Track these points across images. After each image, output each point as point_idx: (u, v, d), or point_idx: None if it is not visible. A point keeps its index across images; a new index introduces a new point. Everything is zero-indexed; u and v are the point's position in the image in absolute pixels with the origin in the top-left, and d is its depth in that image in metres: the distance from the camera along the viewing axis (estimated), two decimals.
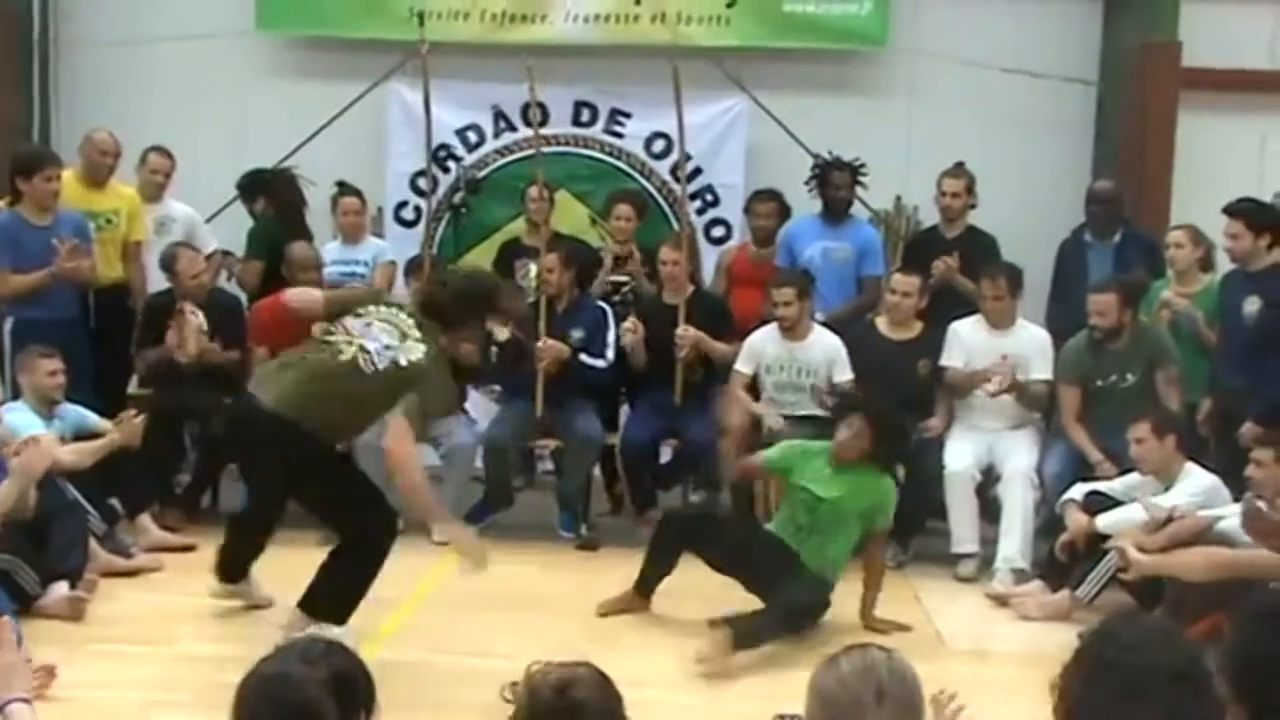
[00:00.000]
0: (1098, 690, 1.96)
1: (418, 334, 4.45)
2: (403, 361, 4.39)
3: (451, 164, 7.39)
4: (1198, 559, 4.29)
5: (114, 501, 5.53)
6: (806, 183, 6.65)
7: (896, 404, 5.84)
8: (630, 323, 6.15)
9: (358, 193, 6.88)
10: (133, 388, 6.41)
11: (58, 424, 5.41)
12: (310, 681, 1.93)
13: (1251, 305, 5.49)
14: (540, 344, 6.08)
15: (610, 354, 6.27)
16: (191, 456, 6.37)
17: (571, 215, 6.86)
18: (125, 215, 6.42)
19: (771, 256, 6.67)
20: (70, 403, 5.55)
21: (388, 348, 4.40)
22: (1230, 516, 4.71)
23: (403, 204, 7.48)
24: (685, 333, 6.05)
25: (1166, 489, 5.10)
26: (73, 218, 6.09)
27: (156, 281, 6.42)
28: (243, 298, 6.66)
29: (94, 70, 7.67)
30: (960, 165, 6.55)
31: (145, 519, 5.72)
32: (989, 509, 5.85)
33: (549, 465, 6.83)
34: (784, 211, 6.74)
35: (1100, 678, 1.97)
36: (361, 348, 4.38)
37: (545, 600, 5.30)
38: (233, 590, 4.96)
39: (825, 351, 6.07)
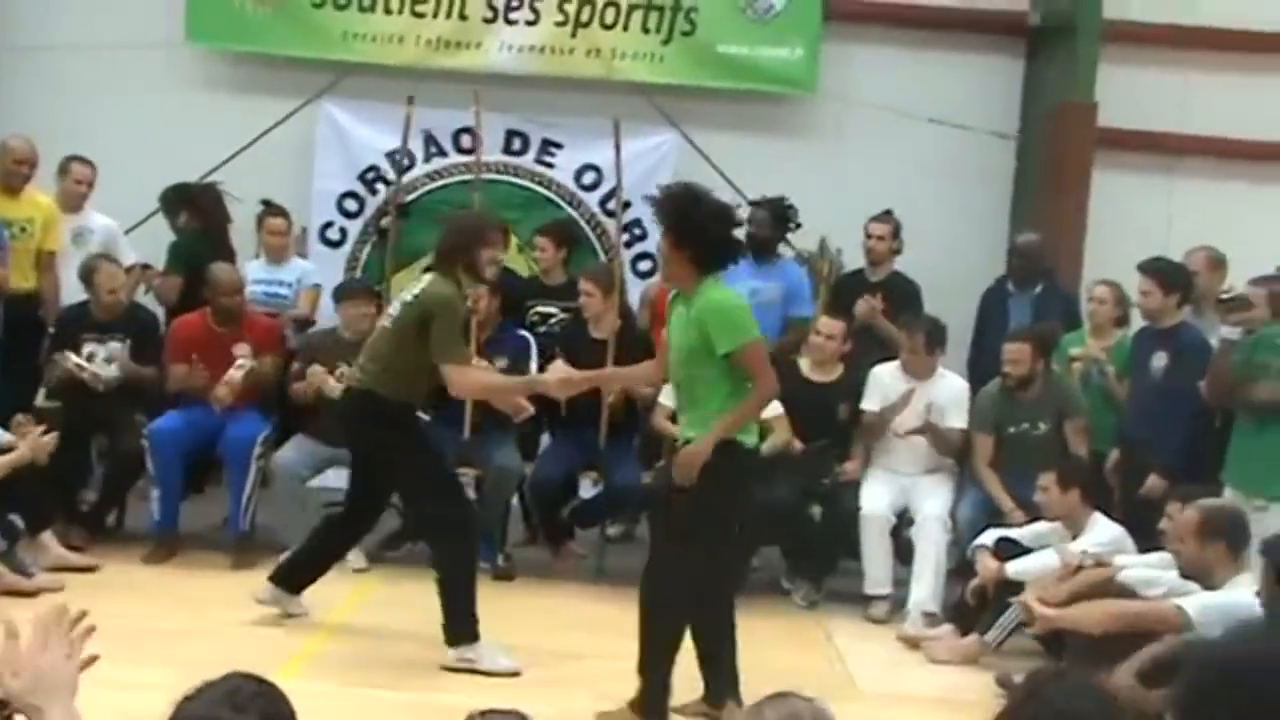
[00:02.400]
0: None
1: (427, 277, 4.88)
2: (408, 298, 4.83)
3: (380, 186, 7.36)
4: (1097, 613, 4.37)
5: (14, 518, 5.37)
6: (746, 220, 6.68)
7: (819, 440, 6.00)
8: (557, 365, 6.10)
9: (283, 212, 6.81)
10: (40, 400, 6.24)
11: None
12: None
13: (1159, 360, 5.65)
14: None
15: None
16: (99, 472, 6.22)
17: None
18: (40, 224, 6.29)
19: None
20: None
21: (402, 301, 4.90)
22: (1132, 567, 4.82)
23: (328, 224, 7.45)
24: (611, 373, 5.92)
25: (1074, 538, 5.21)
26: None
27: (71, 293, 6.29)
28: (160, 313, 6.56)
29: (17, 76, 7.49)
30: (888, 212, 6.67)
31: (47, 536, 5.57)
32: (902, 551, 5.91)
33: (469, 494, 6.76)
34: None
35: None
36: (389, 313, 4.98)
37: None
38: (279, 598, 5.10)
39: None
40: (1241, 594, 4.21)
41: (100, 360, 6.06)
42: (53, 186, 6.55)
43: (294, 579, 5.15)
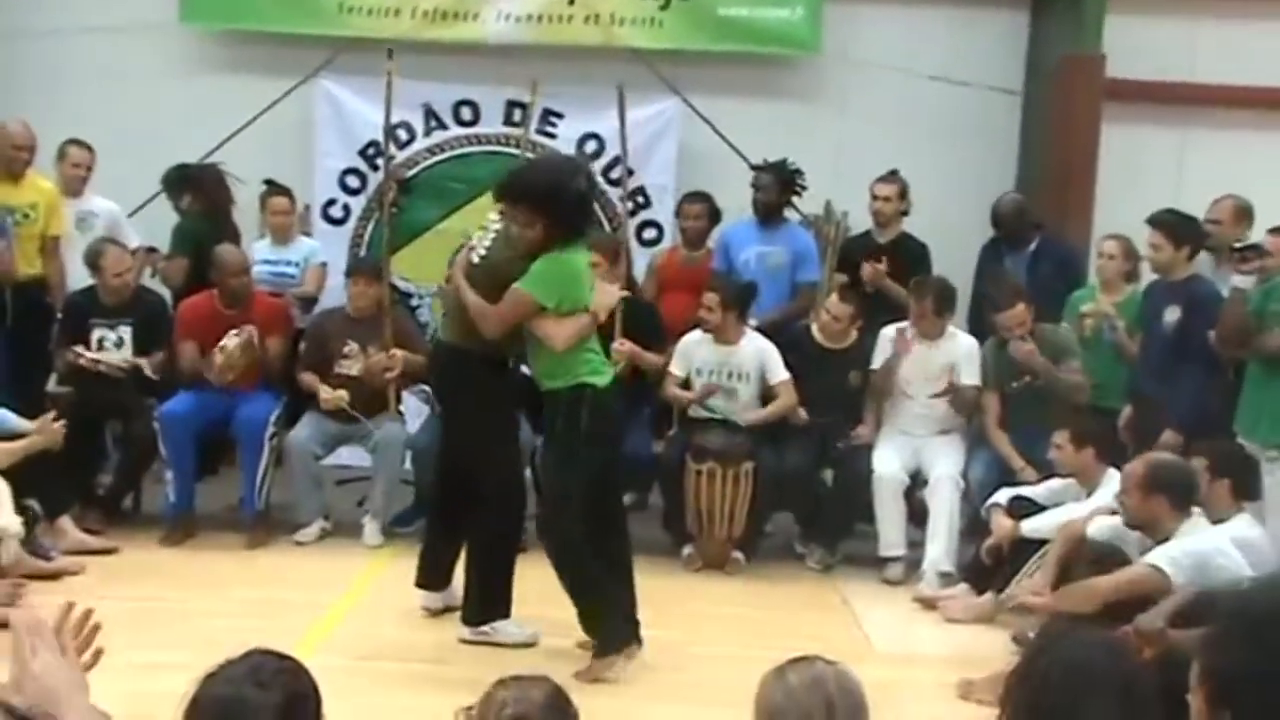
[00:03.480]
0: (1042, 702, 2.00)
1: (495, 220, 4.68)
2: (475, 259, 4.65)
3: (380, 162, 7.26)
4: (1080, 595, 4.33)
5: (32, 503, 5.42)
6: (753, 184, 6.68)
7: (830, 406, 6.01)
8: None
9: (287, 192, 6.81)
10: (51, 385, 6.29)
11: None
12: (266, 707, 1.87)
13: (1172, 314, 5.64)
14: None
15: None
16: (114, 457, 6.26)
17: None
18: (44, 209, 6.30)
19: (703, 260, 6.69)
20: None
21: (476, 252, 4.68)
22: (1096, 519, 4.84)
23: (331, 202, 7.44)
24: (620, 347, 6.03)
25: (1089, 494, 5.23)
26: None
27: (77, 277, 6.31)
28: (167, 295, 6.56)
29: (13, 61, 7.50)
30: (894, 173, 6.64)
31: (65, 521, 5.64)
32: (915, 513, 5.94)
33: None
34: (713, 214, 6.77)
35: (1045, 689, 2.01)
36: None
37: None
38: (441, 599, 4.99)
39: (757, 354, 6.12)
40: (1201, 535, 4.26)
41: (110, 344, 6.08)
42: (52, 172, 6.56)
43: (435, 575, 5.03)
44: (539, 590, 5.37)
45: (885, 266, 6.43)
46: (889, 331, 6.10)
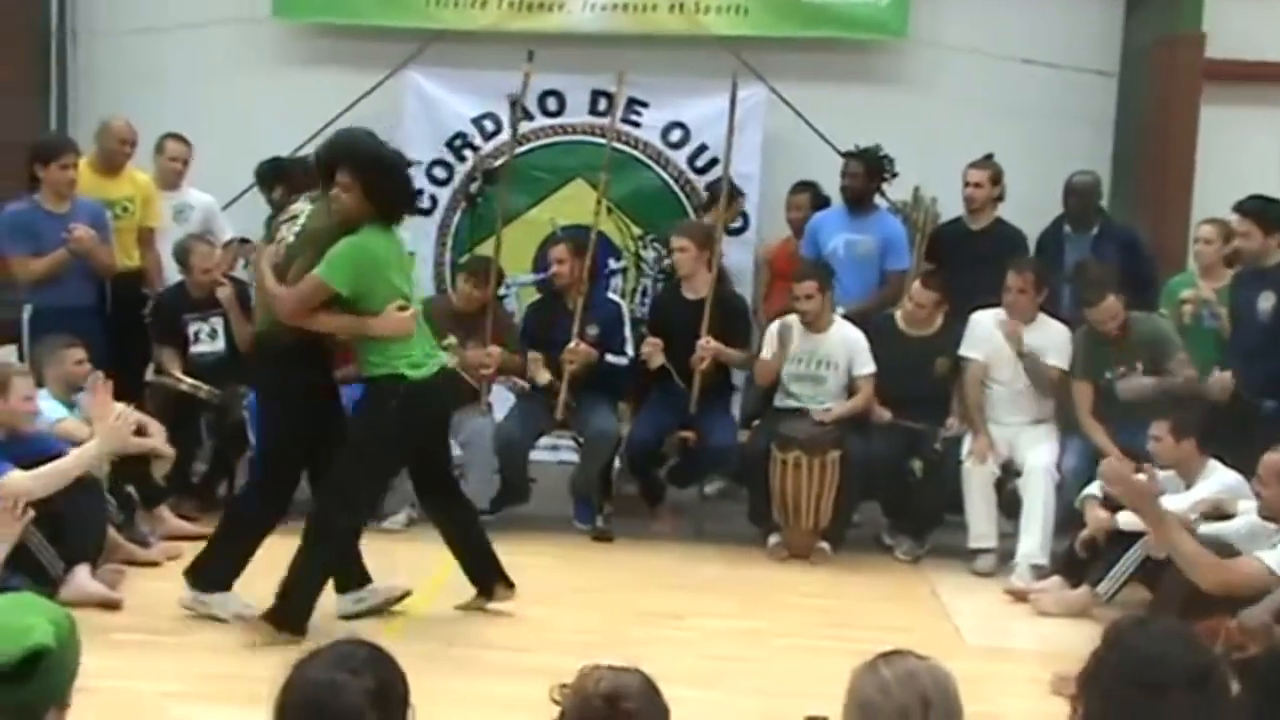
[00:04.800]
0: (1115, 696, 1.96)
1: (304, 209, 4.68)
2: (290, 239, 4.61)
3: (468, 153, 7.40)
4: (1206, 563, 4.18)
5: (131, 490, 5.55)
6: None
7: (916, 395, 5.95)
8: (650, 343, 6.15)
9: None
10: (150, 375, 6.42)
11: (79, 412, 5.41)
12: (357, 692, 1.91)
13: (1266, 301, 5.49)
14: (571, 346, 6.10)
15: (630, 350, 6.29)
16: (208, 445, 6.37)
17: (587, 205, 6.82)
18: (140, 202, 6.44)
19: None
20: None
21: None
22: (1235, 521, 4.70)
23: (418, 193, 7.37)
24: (706, 344, 6.03)
25: (1188, 487, 5.09)
26: (90, 205, 6.12)
27: (175, 269, 6.45)
28: None
29: (111, 59, 7.68)
30: (989, 157, 6.51)
31: (163, 508, 5.76)
32: (1006, 504, 5.85)
33: (565, 456, 6.83)
34: (817, 204, 6.75)
35: (1118, 683, 1.97)
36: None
37: (559, 592, 5.33)
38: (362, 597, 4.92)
39: (846, 344, 6.07)
40: None
41: (205, 336, 6.21)
42: (149, 166, 6.70)
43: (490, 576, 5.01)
44: (627, 580, 5.40)
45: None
46: (981, 317, 6.00)
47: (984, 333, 5.98)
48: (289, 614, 4.49)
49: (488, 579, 4.87)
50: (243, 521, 4.77)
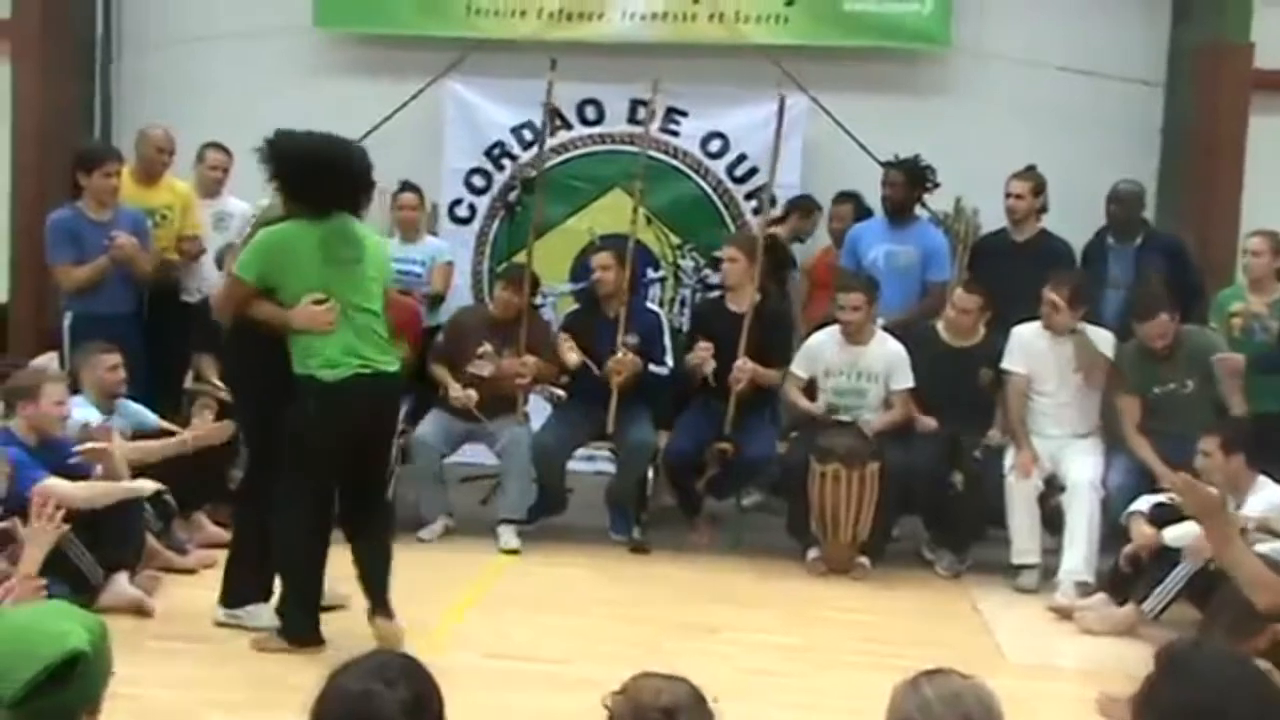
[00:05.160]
0: None
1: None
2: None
3: (506, 162, 7.42)
4: (1268, 588, 4.09)
5: (168, 497, 5.54)
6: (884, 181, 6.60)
7: (959, 408, 5.91)
8: (701, 348, 6.09)
9: (417, 189, 6.90)
10: (189, 383, 6.43)
11: (118, 420, 5.46)
12: (393, 703, 1.90)
13: None
14: (617, 357, 6.10)
15: (670, 360, 6.27)
16: (244, 452, 6.36)
17: (625, 214, 6.77)
18: (179, 210, 6.49)
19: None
20: (126, 398, 5.59)
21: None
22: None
23: (457, 201, 7.51)
24: (744, 365, 6.00)
25: (1237, 504, 4.99)
26: (132, 214, 6.18)
27: (215, 279, 6.41)
28: None
29: (154, 68, 7.76)
30: (1031, 168, 6.44)
31: (200, 515, 5.78)
32: (1049, 519, 5.78)
33: (602, 466, 6.80)
34: (859, 214, 6.73)
35: (1176, 712, 1.91)
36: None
37: (594, 604, 5.32)
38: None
39: (887, 357, 6.02)
40: None
41: None
42: (189, 175, 6.74)
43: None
44: (665, 593, 5.37)
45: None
46: (1023, 330, 5.94)
47: (1026, 346, 5.91)
48: (291, 628, 4.49)
49: (372, 605, 4.58)
50: (247, 528, 4.71)
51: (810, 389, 6.12)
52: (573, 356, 6.17)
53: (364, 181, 4.49)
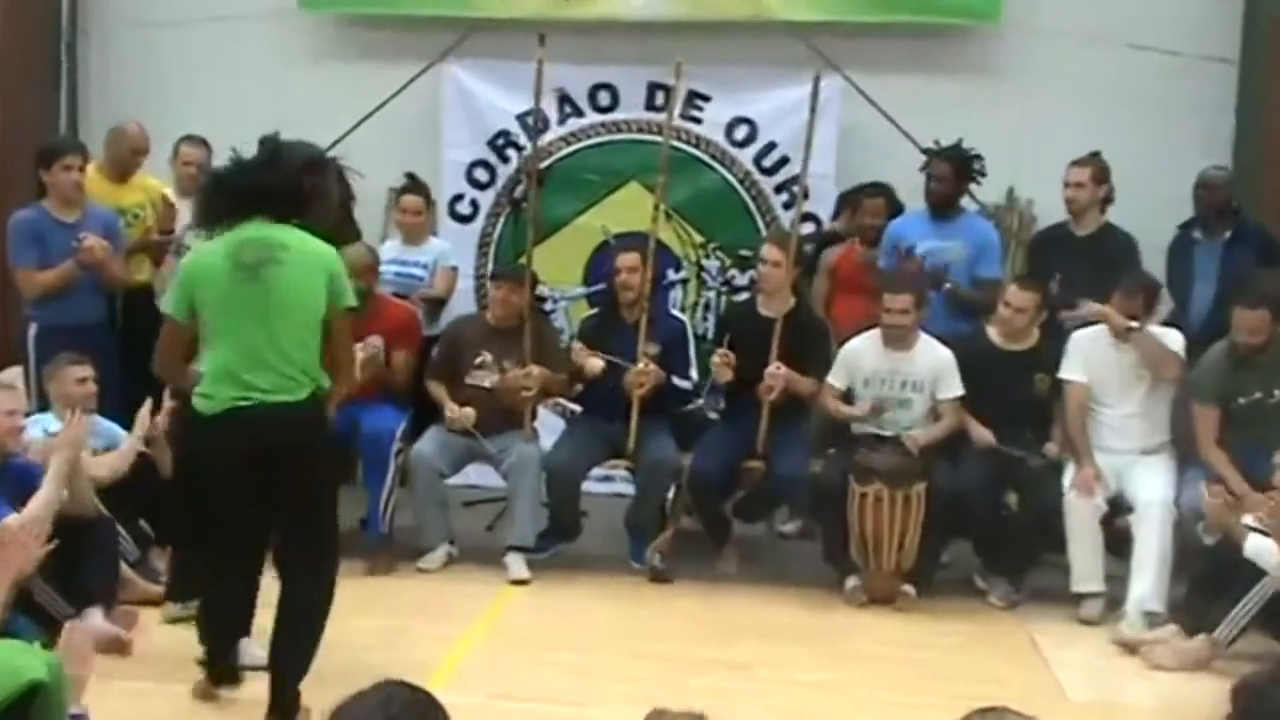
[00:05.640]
0: None
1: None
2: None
3: (512, 153, 7.41)
4: None
5: (145, 525, 5.59)
6: (922, 169, 6.60)
7: (1012, 417, 5.90)
8: (720, 354, 6.10)
9: (423, 190, 6.91)
10: (167, 399, 6.45)
11: (90, 439, 5.45)
12: None
13: None
14: (640, 366, 6.11)
15: (694, 373, 6.28)
16: None
17: (643, 210, 6.80)
18: (151, 210, 6.53)
19: (878, 260, 6.66)
20: (98, 414, 5.60)
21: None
22: None
23: (458, 197, 7.53)
24: (777, 370, 6.00)
25: None
26: (102, 214, 6.20)
27: None
28: None
29: (125, 55, 7.81)
30: (1095, 155, 6.40)
31: None
32: (1113, 542, 5.77)
33: (619, 487, 6.83)
34: (893, 209, 6.72)
35: None
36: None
37: (612, 639, 5.33)
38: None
39: (933, 364, 6.02)
40: None
41: None
42: (166, 170, 6.78)
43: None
44: (689, 627, 5.36)
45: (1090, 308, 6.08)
46: (1084, 336, 5.93)
47: (1087, 352, 5.90)
48: (207, 667, 4.52)
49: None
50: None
51: (847, 401, 6.11)
52: (595, 362, 6.17)
53: (280, 182, 4.30)
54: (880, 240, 6.63)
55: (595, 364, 6.17)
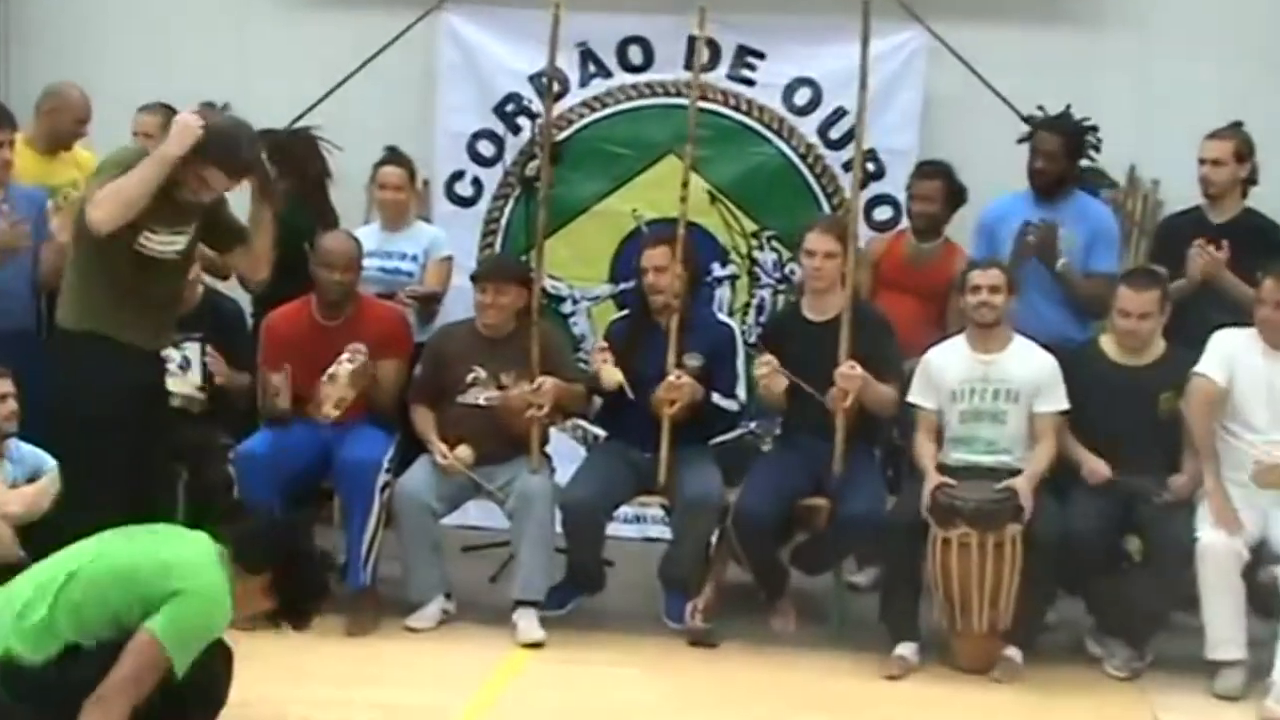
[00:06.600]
0: None
1: None
2: None
3: (523, 121, 7.44)
4: None
5: None
6: (1020, 141, 6.59)
7: (1131, 446, 5.89)
8: (764, 361, 6.07)
9: (404, 161, 6.91)
10: None
11: (9, 468, 5.44)
12: None
13: None
14: (671, 379, 6.09)
15: (741, 391, 6.27)
16: (183, 506, 6.36)
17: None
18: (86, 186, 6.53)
19: (937, 256, 6.70)
20: (23, 440, 5.58)
21: None
22: None
23: (457, 175, 7.58)
24: (852, 370, 5.96)
25: None
26: (27, 193, 6.21)
27: None
28: (246, 301, 6.74)
29: (57, 8, 7.85)
30: (1236, 126, 6.40)
31: None
32: (1261, 599, 5.75)
33: (651, 529, 6.89)
34: (952, 194, 6.73)
35: None
36: None
37: (645, 713, 5.33)
38: None
39: (1032, 370, 6.00)
40: None
41: (174, 367, 6.17)
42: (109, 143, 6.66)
43: None
44: (738, 700, 5.34)
45: (1225, 252, 6.17)
46: (1227, 336, 5.89)
47: (1231, 356, 5.85)
48: None
49: None
50: None
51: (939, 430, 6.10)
52: (612, 371, 6.17)
53: None
54: (930, 229, 6.70)
55: (613, 374, 6.16)
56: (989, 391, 6.02)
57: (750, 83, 7.36)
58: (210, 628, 4.13)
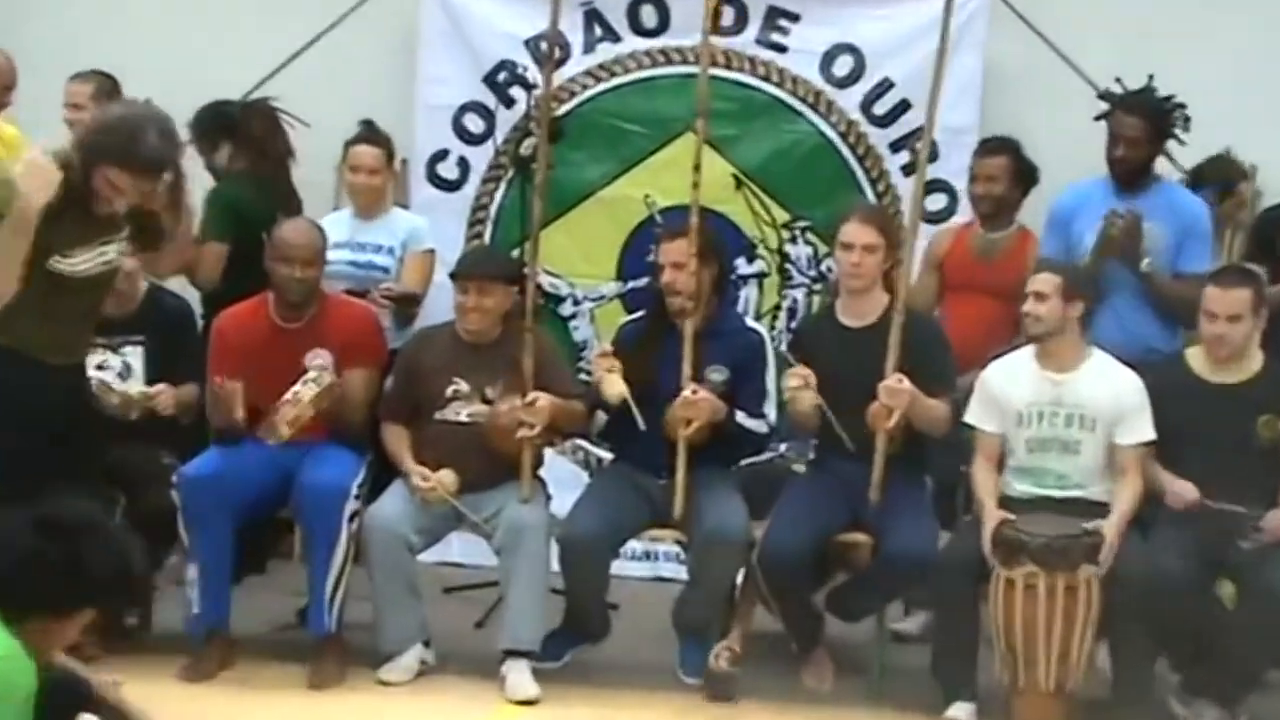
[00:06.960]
0: None
1: None
2: None
3: (518, 93, 7.39)
4: None
5: None
6: (1098, 119, 6.48)
7: (1222, 480, 5.73)
8: (796, 373, 5.95)
9: (380, 140, 6.84)
10: None
11: None
12: None
13: None
14: (688, 394, 5.97)
15: (770, 409, 6.14)
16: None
17: (705, 173, 6.58)
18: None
19: (1006, 244, 6.66)
20: None
21: None
22: None
23: (441, 155, 7.56)
24: (899, 385, 5.81)
25: None
26: None
27: None
28: (196, 300, 6.67)
29: None
30: None
31: None
32: None
33: (663, 568, 6.94)
34: (1020, 172, 6.67)
35: None
36: None
37: None
38: None
39: (1111, 393, 5.83)
40: None
41: (112, 375, 6.17)
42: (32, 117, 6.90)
43: None
44: None
45: None
46: None
47: None
48: None
49: None
50: None
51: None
52: (615, 381, 6.02)
53: None
54: (1000, 215, 6.66)
55: (616, 386, 6.02)
56: (1060, 417, 5.89)
57: (783, 49, 7.34)
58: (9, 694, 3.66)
